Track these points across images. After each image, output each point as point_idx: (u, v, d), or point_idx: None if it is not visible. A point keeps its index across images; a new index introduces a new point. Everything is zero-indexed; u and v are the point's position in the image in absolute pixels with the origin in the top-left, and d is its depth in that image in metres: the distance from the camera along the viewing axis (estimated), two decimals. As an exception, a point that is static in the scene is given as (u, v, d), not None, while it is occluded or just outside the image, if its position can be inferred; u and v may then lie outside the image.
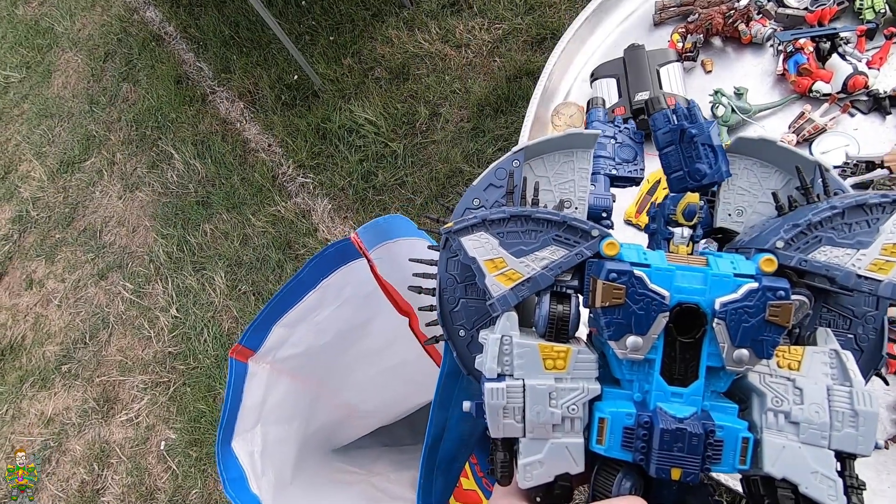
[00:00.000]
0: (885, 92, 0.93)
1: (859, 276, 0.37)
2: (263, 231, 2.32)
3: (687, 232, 0.44)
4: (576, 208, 0.46)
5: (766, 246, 0.38)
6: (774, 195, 0.44)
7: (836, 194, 0.41)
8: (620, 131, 0.53)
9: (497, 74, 2.25)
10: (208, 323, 2.25)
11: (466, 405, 0.39)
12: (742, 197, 0.45)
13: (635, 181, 0.53)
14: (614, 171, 0.51)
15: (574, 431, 0.36)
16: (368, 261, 0.93)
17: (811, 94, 0.97)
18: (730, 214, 0.45)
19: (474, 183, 0.45)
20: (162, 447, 2.11)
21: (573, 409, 0.36)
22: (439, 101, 2.30)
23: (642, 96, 0.99)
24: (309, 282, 0.97)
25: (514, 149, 0.45)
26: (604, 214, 0.48)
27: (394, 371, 1.21)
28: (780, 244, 0.38)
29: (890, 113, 0.93)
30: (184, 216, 2.48)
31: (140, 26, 3.02)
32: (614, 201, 0.49)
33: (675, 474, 0.34)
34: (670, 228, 0.45)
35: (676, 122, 0.46)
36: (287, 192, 2.38)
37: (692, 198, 0.44)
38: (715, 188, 0.46)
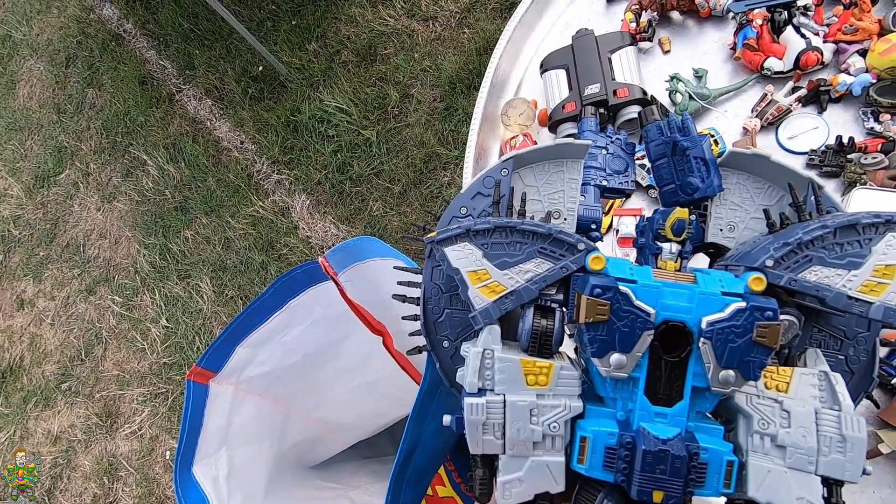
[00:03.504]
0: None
1: (850, 298, 0.36)
2: (244, 233, 2.28)
3: (675, 247, 0.44)
4: (564, 219, 0.45)
5: (755, 264, 0.38)
6: (766, 212, 0.43)
7: (828, 212, 0.40)
8: (612, 142, 0.52)
9: (467, 47, 2.14)
10: (199, 331, 2.25)
11: (447, 419, 0.39)
12: (734, 212, 0.45)
13: (626, 193, 0.52)
14: (605, 182, 0.50)
15: (555, 449, 0.36)
16: (337, 285, 0.91)
17: (762, 72, 0.88)
18: (721, 230, 0.45)
19: (462, 191, 0.44)
20: (167, 457, 2.14)
21: (554, 427, 0.36)
22: (410, 81, 2.21)
23: (593, 90, 0.92)
24: (273, 304, 0.96)
25: (504, 157, 0.43)
26: (593, 226, 0.47)
27: (370, 387, 1.21)
28: (769, 263, 0.37)
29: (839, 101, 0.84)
30: (164, 223, 2.44)
31: (98, 26, 2.91)
32: (604, 213, 0.47)
33: (657, 497, 0.33)
34: (659, 243, 0.44)
35: (669, 135, 0.45)
36: (264, 191, 2.32)
37: (681, 213, 0.43)
38: (707, 202, 0.45)
